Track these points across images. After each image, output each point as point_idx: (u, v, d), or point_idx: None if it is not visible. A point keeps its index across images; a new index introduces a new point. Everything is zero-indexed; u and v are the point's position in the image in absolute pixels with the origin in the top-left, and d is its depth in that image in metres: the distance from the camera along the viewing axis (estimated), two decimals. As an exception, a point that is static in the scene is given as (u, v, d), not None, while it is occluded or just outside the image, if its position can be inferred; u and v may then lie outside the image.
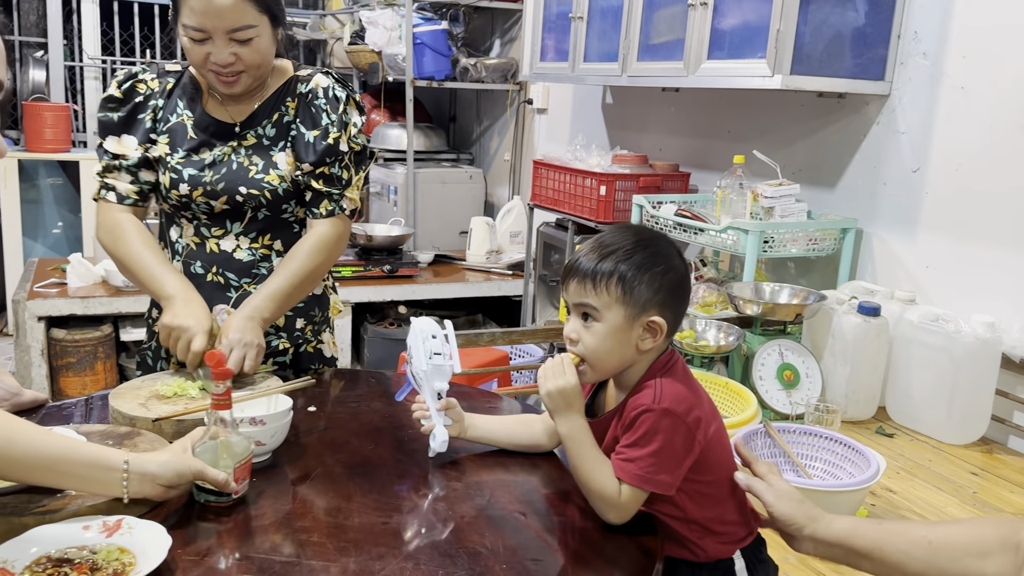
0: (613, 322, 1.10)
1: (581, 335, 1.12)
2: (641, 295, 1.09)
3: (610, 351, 1.11)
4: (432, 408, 1.25)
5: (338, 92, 1.62)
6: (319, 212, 1.61)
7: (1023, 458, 2.00)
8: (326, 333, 1.77)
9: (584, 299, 1.11)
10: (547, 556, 1.04)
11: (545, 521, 1.12)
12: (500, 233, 4.20)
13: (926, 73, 2.29)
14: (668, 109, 3.32)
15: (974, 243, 2.19)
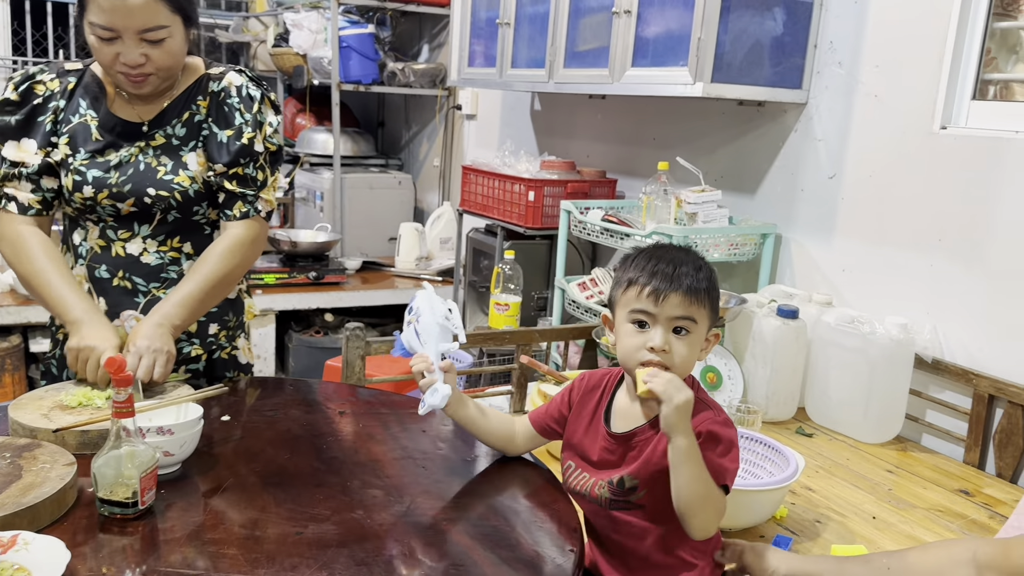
0: (700, 333, 1.17)
1: (673, 347, 1.15)
2: (715, 310, 1.19)
3: (693, 362, 1.18)
4: (435, 364, 1.24)
5: (252, 91, 1.57)
6: (232, 214, 1.56)
7: (936, 455, 2.07)
8: (241, 338, 1.72)
9: (688, 312, 1.15)
10: (468, 562, 1.02)
11: (467, 526, 1.10)
12: (430, 239, 4.17)
13: (841, 82, 2.36)
14: (595, 116, 3.35)
15: (887, 247, 2.26)
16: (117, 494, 1.06)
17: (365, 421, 1.43)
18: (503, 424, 1.32)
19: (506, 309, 2.83)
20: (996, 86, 2.09)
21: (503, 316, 2.84)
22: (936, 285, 2.13)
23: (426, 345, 1.25)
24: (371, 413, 1.47)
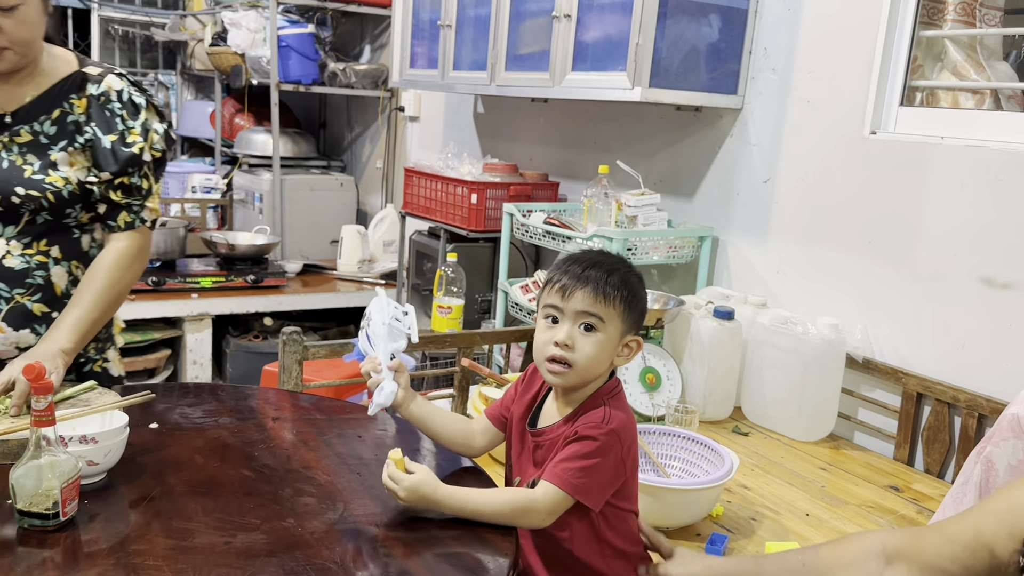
0: (611, 335, 1.16)
1: (577, 342, 1.16)
2: (634, 315, 1.18)
3: (599, 362, 1.17)
4: (384, 364, 1.24)
5: (136, 98, 1.50)
6: (117, 225, 1.50)
7: (867, 453, 2.12)
8: (111, 351, 1.64)
9: (594, 309, 1.16)
10: (401, 568, 1.01)
11: (401, 532, 1.08)
12: (373, 242, 4.13)
13: (775, 88, 2.41)
14: (537, 119, 3.36)
15: (819, 249, 2.31)
16: (37, 505, 1.03)
17: (299, 428, 1.41)
18: (460, 423, 1.31)
19: (449, 312, 2.82)
20: (923, 93, 2.16)
21: (446, 319, 2.82)
22: (866, 286, 2.19)
23: (376, 347, 1.24)
24: (306, 419, 1.44)
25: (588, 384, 1.19)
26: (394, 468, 1.11)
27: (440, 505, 1.10)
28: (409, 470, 1.11)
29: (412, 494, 1.09)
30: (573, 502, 1.12)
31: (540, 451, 1.19)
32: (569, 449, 1.14)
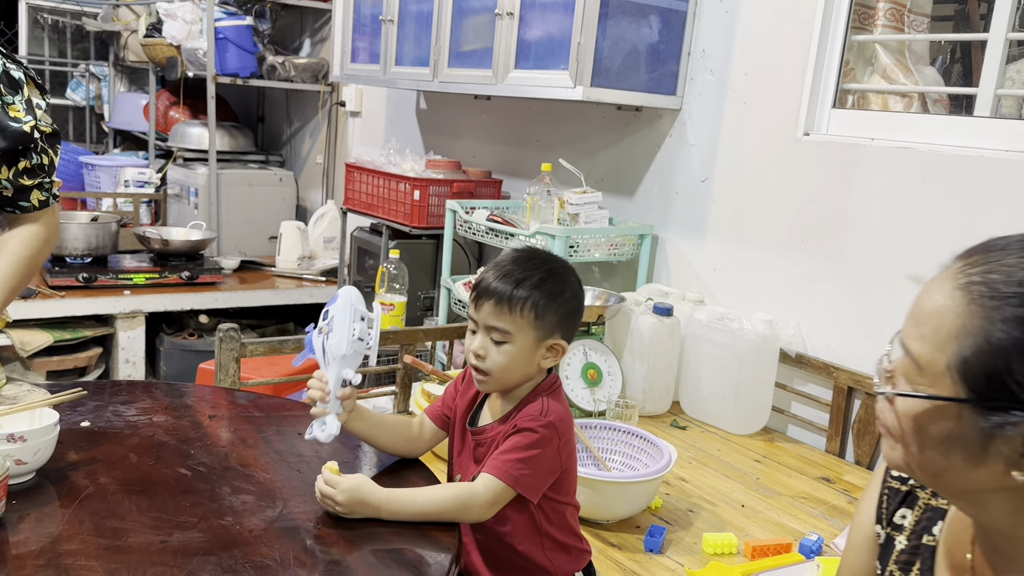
0: (523, 344, 1.16)
1: (489, 352, 1.17)
2: (550, 320, 1.17)
3: (515, 369, 1.18)
4: (332, 393, 1.18)
5: (14, 73, 1.44)
6: (32, 204, 1.45)
7: (800, 445, 2.18)
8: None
9: (498, 323, 1.17)
10: (342, 565, 1.00)
11: (342, 530, 1.08)
12: (313, 238, 4.08)
13: (713, 89, 2.46)
14: (480, 116, 3.36)
15: (754, 247, 2.37)
16: (-41, 507, 0.99)
17: (237, 425, 1.38)
18: (402, 429, 1.30)
19: (391, 309, 2.80)
20: (854, 95, 2.23)
21: (388, 316, 2.80)
22: (799, 283, 2.25)
23: (328, 366, 1.18)
24: (244, 417, 1.42)
25: (521, 385, 1.20)
26: (329, 475, 1.10)
27: (380, 509, 1.09)
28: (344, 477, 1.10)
29: (350, 498, 1.08)
30: (514, 494, 1.13)
31: (480, 449, 1.19)
32: (509, 442, 1.15)
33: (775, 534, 1.67)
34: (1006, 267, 0.66)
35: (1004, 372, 0.63)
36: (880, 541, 0.85)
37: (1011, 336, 0.63)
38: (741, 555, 1.60)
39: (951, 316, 0.67)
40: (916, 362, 0.69)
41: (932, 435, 0.68)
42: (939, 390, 0.67)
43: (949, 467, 0.68)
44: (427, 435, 1.30)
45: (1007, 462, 0.65)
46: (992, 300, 0.65)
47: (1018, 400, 0.63)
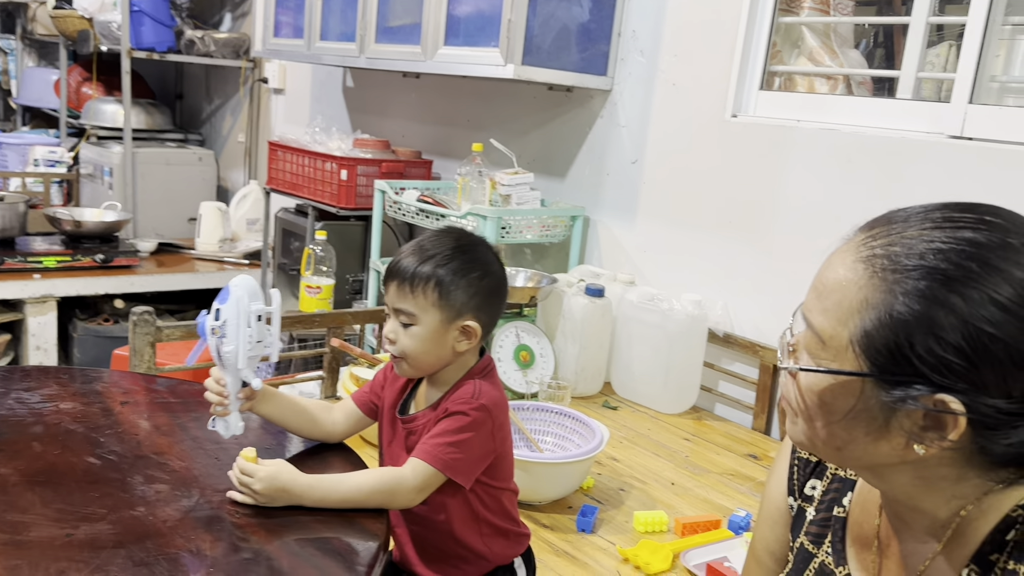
0: (430, 325, 1.12)
1: (399, 336, 1.13)
2: (457, 300, 1.12)
3: (427, 352, 1.13)
4: (232, 395, 1.12)
5: None
6: None
7: (728, 423, 2.21)
8: None
9: (402, 304, 1.13)
10: (262, 555, 0.96)
11: (263, 519, 1.03)
12: (235, 220, 3.95)
13: (643, 70, 2.45)
14: (410, 95, 3.30)
15: (684, 228, 2.38)
16: None
17: (151, 412, 1.31)
18: (317, 412, 1.25)
19: (318, 292, 2.73)
20: (781, 77, 2.25)
21: (315, 299, 2.73)
22: (727, 264, 2.27)
23: (226, 371, 1.11)
24: (158, 403, 1.35)
25: (443, 369, 1.16)
26: (245, 462, 1.05)
27: (302, 497, 1.05)
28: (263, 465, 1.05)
29: (268, 486, 1.03)
30: (444, 479, 1.09)
31: (412, 438, 1.15)
32: (439, 426, 1.11)
33: (704, 511, 1.69)
34: (907, 240, 0.66)
35: (906, 346, 0.63)
36: (792, 513, 0.85)
37: (912, 309, 0.63)
38: (671, 532, 1.60)
39: (853, 289, 0.66)
40: (819, 336, 0.69)
41: (835, 410, 0.68)
42: (841, 364, 0.67)
43: (851, 441, 0.68)
44: (348, 421, 1.24)
45: (908, 436, 0.65)
46: (894, 273, 0.64)
47: (919, 374, 0.63)
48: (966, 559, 0.68)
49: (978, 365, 0.62)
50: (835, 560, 0.79)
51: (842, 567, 0.78)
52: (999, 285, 0.62)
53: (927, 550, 0.71)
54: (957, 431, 0.63)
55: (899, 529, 0.74)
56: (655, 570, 1.45)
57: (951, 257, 0.63)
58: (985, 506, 0.68)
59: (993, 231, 0.64)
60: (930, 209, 0.68)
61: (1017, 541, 0.66)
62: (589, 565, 1.47)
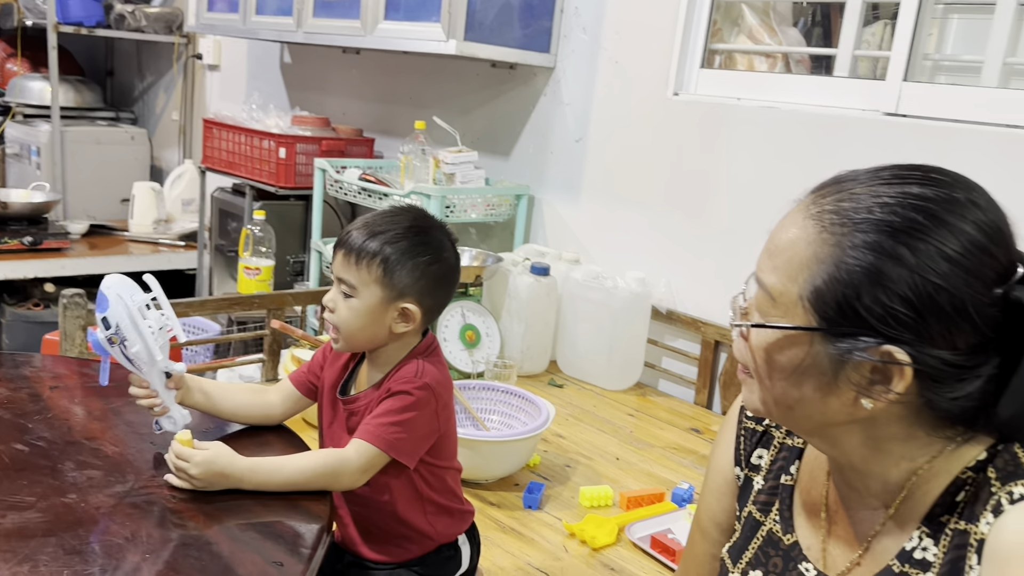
0: (369, 301, 1.10)
1: (338, 306, 1.11)
2: (400, 281, 1.10)
3: (362, 328, 1.11)
4: (161, 391, 1.10)
5: None
6: None
7: (671, 399, 2.24)
8: None
9: (345, 274, 1.10)
10: (200, 540, 0.93)
11: (201, 502, 1.00)
12: (170, 200, 3.83)
13: (586, 47, 2.45)
14: (350, 71, 3.23)
15: (627, 206, 2.39)
16: None
17: (83, 397, 1.26)
18: (252, 396, 1.21)
19: (257, 273, 2.67)
20: (721, 56, 2.27)
21: (254, 281, 2.67)
22: (670, 241, 2.29)
23: (145, 373, 1.08)
24: (90, 388, 1.30)
25: (379, 348, 1.14)
26: (180, 446, 1.01)
27: (242, 480, 1.02)
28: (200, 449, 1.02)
29: (206, 471, 1.00)
30: (388, 459, 1.08)
31: (354, 419, 1.13)
32: (382, 405, 1.09)
33: (648, 485, 1.71)
34: (856, 195, 0.67)
35: (854, 298, 0.64)
36: (739, 483, 0.86)
37: (861, 262, 0.64)
38: (617, 506, 1.62)
39: (803, 245, 0.67)
40: (769, 294, 0.69)
41: (785, 365, 0.69)
42: (791, 320, 0.68)
43: (802, 399, 0.69)
44: (286, 403, 1.22)
45: (857, 389, 0.66)
46: (843, 227, 0.66)
47: (867, 326, 0.64)
48: (916, 522, 0.70)
49: (925, 316, 0.63)
50: (783, 528, 0.80)
51: (790, 535, 0.79)
52: (946, 237, 0.63)
53: (877, 516, 0.73)
54: (903, 382, 0.65)
55: (848, 497, 0.76)
56: (601, 544, 1.46)
57: (899, 211, 0.64)
58: (935, 470, 0.69)
59: (939, 186, 0.66)
60: (878, 169, 0.69)
61: (966, 502, 0.67)
62: (536, 541, 1.48)
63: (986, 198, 0.67)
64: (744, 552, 0.83)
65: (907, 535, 0.71)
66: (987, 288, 0.64)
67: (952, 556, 0.67)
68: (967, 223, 0.64)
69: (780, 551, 0.80)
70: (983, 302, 0.64)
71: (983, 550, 0.64)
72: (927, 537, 0.69)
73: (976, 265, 0.63)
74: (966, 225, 0.64)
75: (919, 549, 0.70)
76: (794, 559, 0.79)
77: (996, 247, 0.65)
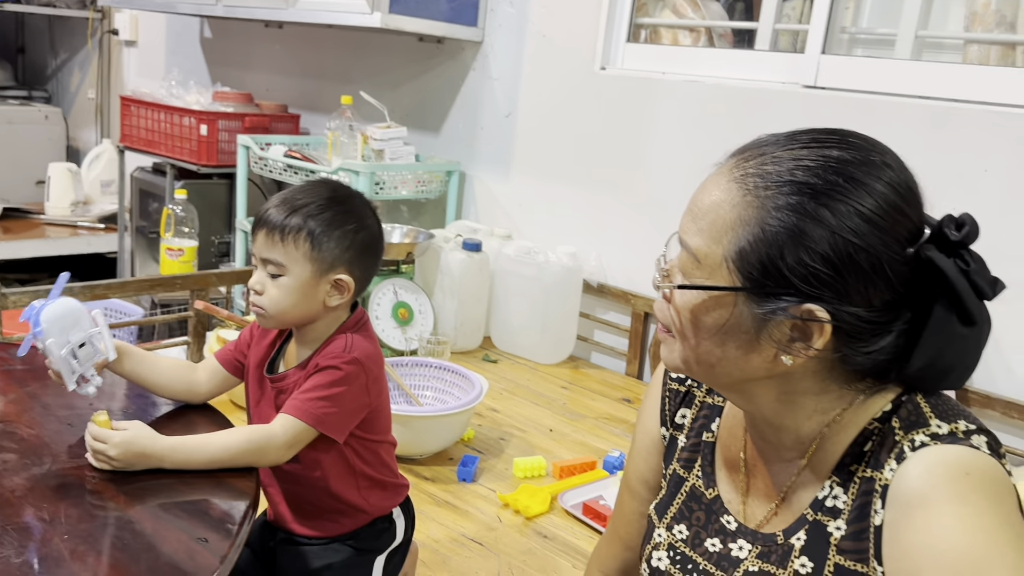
0: (300, 277, 1.07)
1: (266, 287, 1.08)
2: (330, 252, 1.08)
3: (295, 305, 1.09)
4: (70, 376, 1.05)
5: None
6: None
7: (603, 370, 2.27)
8: None
9: (271, 254, 1.07)
10: (122, 519, 0.91)
11: (122, 483, 0.97)
12: (88, 181, 3.69)
13: (513, 21, 2.44)
14: (273, 46, 3.16)
15: (558, 181, 2.40)
16: None
17: (-4, 380, 1.21)
18: (180, 371, 1.18)
19: (180, 255, 2.59)
20: (647, 30, 2.29)
21: (177, 263, 2.60)
22: (600, 215, 2.31)
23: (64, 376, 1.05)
24: (4, 371, 1.25)
25: (311, 323, 1.12)
26: (97, 428, 0.98)
27: (163, 460, 0.99)
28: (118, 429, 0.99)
29: (126, 451, 0.97)
30: (315, 434, 1.06)
31: (283, 396, 1.11)
32: (311, 380, 1.08)
33: (581, 454, 1.73)
34: (778, 158, 0.69)
35: (778, 258, 0.66)
36: (665, 443, 0.88)
37: (784, 223, 0.66)
38: (550, 476, 1.64)
39: (727, 208, 0.69)
40: (694, 255, 0.71)
41: (709, 325, 0.71)
42: (716, 281, 0.69)
43: (724, 357, 0.71)
44: (212, 381, 1.19)
45: (778, 346, 0.69)
46: (766, 190, 0.67)
47: (790, 285, 0.66)
48: (828, 472, 0.73)
49: (843, 275, 0.65)
50: (705, 483, 0.82)
51: (712, 489, 0.82)
52: (863, 198, 0.65)
53: (792, 467, 0.75)
54: (823, 339, 0.67)
55: (764, 450, 0.78)
56: (534, 513, 1.48)
57: (819, 172, 0.66)
58: (844, 422, 0.72)
59: (856, 149, 0.68)
60: (797, 133, 0.71)
61: (873, 451, 0.70)
62: (470, 513, 1.49)
63: (897, 160, 0.69)
64: (669, 508, 0.85)
65: (820, 485, 0.73)
66: (901, 247, 0.66)
67: (860, 502, 0.70)
68: (882, 183, 0.66)
69: (703, 505, 0.82)
70: (897, 260, 0.66)
71: (887, 495, 0.67)
72: (838, 486, 0.72)
73: (891, 224, 0.66)
74: (881, 186, 0.66)
75: (830, 497, 0.72)
76: (716, 512, 0.81)
77: (909, 207, 0.67)
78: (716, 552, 0.79)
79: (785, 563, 0.74)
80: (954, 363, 0.69)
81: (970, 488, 0.64)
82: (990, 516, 0.63)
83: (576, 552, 1.39)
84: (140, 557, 0.85)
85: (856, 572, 0.70)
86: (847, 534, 0.70)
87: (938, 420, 0.68)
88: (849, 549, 0.70)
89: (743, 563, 0.77)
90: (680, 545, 0.82)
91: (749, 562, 0.76)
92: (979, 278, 0.66)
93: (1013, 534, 0.63)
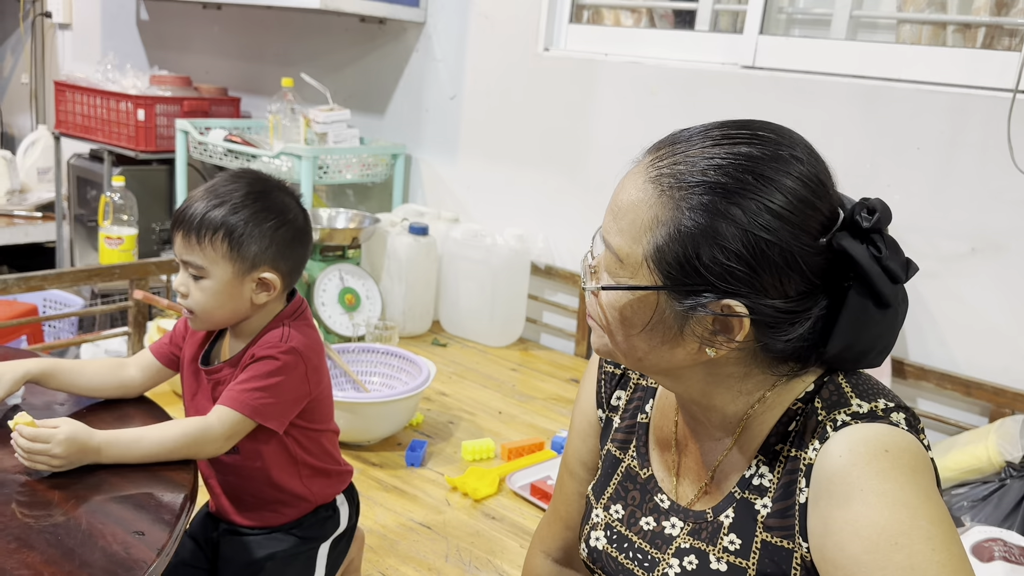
0: (221, 278, 1.05)
1: (190, 289, 1.06)
2: (250, 251, 1.05)
3: (220, 306, 1.07)
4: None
5: None
6: None
7: (552, 352, 2.28)
8: None
9: (190, 256, 1.04)
10: (56, 513, 0.89)
11: (59, 481, 0.95)
12: (23, 169, 3.58)
13: (456, 2, 2.41)
14: (212, 28, 3.08)
15: (504, 163, 2.40)
16: None
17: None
18: (109, 370, 1.15)
19: (119, 243, 2.53)
20: (589, 11, 2.29)
21: (117, 251, 2.54)
22: (546, 198, 2.32)
23: None
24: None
25: (244, 320, 1.10)
26: (31, 429, 0.95)
27: (100, 454, 0.97)
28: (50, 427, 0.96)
29: (70, 447, 0.94)
30: (253, 425, 1.05)
31: (220, 387, 1.09)
32: (247, 371, 1.06)
33: (530, 435, 1.74)
34: (691, 158, 0.70)
35: (693, 257, 0.67)
36: (602, 424, 0.89)
37: (698, 223, 0.67)
38: (499, 458, 1.65)
39: (645, 208, 0.70)
40: (616, 255, 0.72)
41: (635, 323, 0.72)
42: (638, 280, 0.71)
43: (651, 351, 0.73)
44: (146, 374, 1.16)
45: (701, 341, 0.70)
46: (680, 191, 0.68)
47: (707, 283, 0.68)
48: (755, 451, 0.75)
49: (758, 270, 0.67)
50: (639, 463, 0.84)
51: (646, 469, 0.83)
52: (773, 194, 0.67)
53: (721, 446, 0.77)
54: (743, 332, 0.69)
55: (695, 429, 0.80)
56: (482, 495, 1.49)
57: (729, 171, 0.67)
58: (769, 402, 0.74)
59: (766, 145, 0.69)
60: (709, 128, 0.72)
61: (797, 431, 0.72)
62: (419, 497, 1.49)
63: (808, 151, 0.70)
64: (606, 488, 0.86)
65: (747, 464, 0.75)
66: (813, 239, 0.68)
67: (785, 480, 0.72)
68: (791, 179, 0.67)
69: (637, 485, 0.83)
70: (810, 252, 0.68)
71: (811, 474, 0.69)
72: (763, 465, 0.74)
73: (802, 219, 0.67)
74: (790, 181, 0.67)
75: (757, 476, 0.74)
76: (650, 491, 0.82)
77: (818, 199, 0.69)
78: (650, 530, 0.81)
79: (715, 540, 0.75)
80: (871, 344, 0.71)
81: (890, 464, 0.66)
82: (909, 491, 0.65)
83: (524, 532, 1.41)
84: (74, 553, 0.83)
85: (782, 548, 0.72)
86: (773, 511, 0.72)
87: (859, 399, 0.70)
88: (775, 526, 0.72)
89: (675, 540, 0.78)
90: (617, 524, 0.83)
91: (681, 539, 0.78)
92: (892, 262, 0.68)
93: (931, 507, 0.65)
